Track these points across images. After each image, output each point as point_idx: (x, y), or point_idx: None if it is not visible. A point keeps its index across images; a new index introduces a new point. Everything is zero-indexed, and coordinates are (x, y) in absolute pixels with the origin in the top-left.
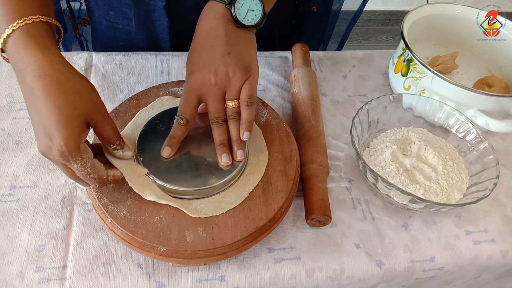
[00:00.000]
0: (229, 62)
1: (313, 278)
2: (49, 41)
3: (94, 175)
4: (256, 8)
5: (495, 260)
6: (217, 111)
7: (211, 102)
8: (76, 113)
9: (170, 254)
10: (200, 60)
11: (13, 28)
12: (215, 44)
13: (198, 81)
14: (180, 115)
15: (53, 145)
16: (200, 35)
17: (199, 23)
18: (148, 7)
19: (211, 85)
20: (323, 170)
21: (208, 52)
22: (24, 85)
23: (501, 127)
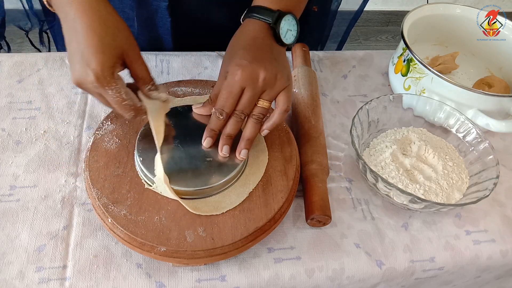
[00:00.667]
0: (277, 66)
1: (313, 278)
2: None
3: (129, 102)
4: (294, 28)
5: (495, 260)
6: (248, 106)
7: (249, 96)
8: (114, 44)
9: (170, 254)
10: (250, 57)
11: None
12: (263, 49)
13: (247, 74)
14: (221, 110)
15: (89, 70)
16: (246, 39)
17: (243, 30)
18: (150, 7)
19: (258, 81)
20: (323, 170)
21: (258, 52)
22: (67, 20)
23: (501, 127)
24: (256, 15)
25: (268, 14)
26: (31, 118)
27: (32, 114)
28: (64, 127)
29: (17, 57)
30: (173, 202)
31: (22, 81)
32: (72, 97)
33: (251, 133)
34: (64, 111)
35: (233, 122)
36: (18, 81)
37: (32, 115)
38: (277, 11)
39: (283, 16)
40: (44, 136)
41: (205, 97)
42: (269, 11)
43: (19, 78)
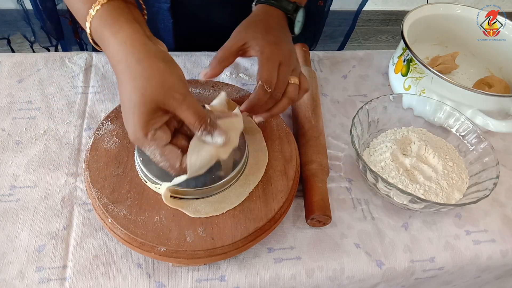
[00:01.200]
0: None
1: (313, 278)
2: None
3: (164, 164)
4: (301, 20)
5: (495, 260)
6: (285, 81)
7: (285, 70)
8: (143, 100)
9: (170, 254)
10: (280, 36)
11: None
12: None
13: (283, 50)
14: (268, 82)
15: (128, 129)
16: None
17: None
18: (152, 9)
19: (291, 57)
20: (323, 170)
21: (284, 35)
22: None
23: (501, 127)
24: (275, 3)
25: (287, 4)
26: (31, 118)
27: (32, 114)
28: (64, 127)
29: (17, 57)
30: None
31: (22, 81)
32: (72, 97)
33: (280, 110)
34: (64, 111)
35: (269, 102)
36: (18, 81)
37: (32, 115)
38: (294, 3)
39: (299, 8)
40: (44, 136)
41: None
42: (287, 1)
43: (19, 78)
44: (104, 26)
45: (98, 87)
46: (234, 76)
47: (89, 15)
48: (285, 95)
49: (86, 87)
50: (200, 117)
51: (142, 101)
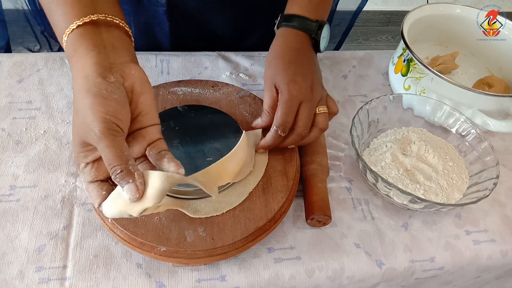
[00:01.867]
0: (319, 77)
1: (313, 278)
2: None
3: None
4: (327, 35)
5: (495, 260)
6: (309, 120)
7: (308, 109)
8: (73, 132)
9: (170, 254)
10: (300, 70)
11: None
12: (309, 61)
13: (303, 89)
14: (284, 127)
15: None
16: (292, 52)
17: (285, 41)
18: (148, 12)
19: (313, 94)
20: (323, 170)
21: (306, 65)
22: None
23: (501, 127)
24: (297, 25)
25: (309, 25)
26: (31, 118)
27: (32, 114)
28: (64, 127)
29: (17, 57)
30: None
31: (22, 81)
32: (72, 97)
33: (311, 139)
34: (64, 111)
35: (295, 138)
36: (18, 81)
37: (32, 115)
38: (316, 21)
39: (323, 25)
40: (44, 136)
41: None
42: (309, 22)
43: (19, 78)
44: (69, 54)
45: None
46: (234, 76)
47: (63, 40)
48: (315, 125)
49: None
50: (111, 162)
51: (73, 134)
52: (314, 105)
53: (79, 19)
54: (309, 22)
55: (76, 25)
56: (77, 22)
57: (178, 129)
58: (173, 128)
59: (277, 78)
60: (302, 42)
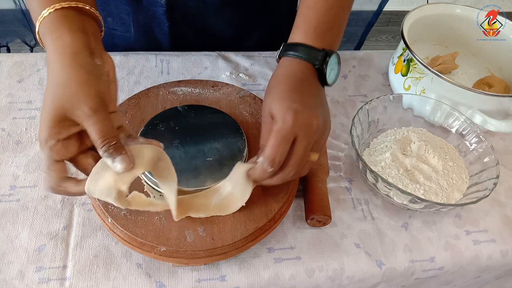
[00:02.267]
0: (324, 113)
1: (313, 278)
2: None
3: (46, 177)
4: (335, 67)
5: (495, 260)
6: (302, 159)
7: (304, 146)
8: (52, 105)
9: (170, 254)
10: (302, 100)
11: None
12: (312, 93)
13: (301, 120)
14: (272, 161)
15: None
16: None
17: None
18: (147, 13)
19: (312, 129)
20: (323, 170)
21: (308, 97)
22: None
23: (501, 127)
24: (300, 55)
25: (314, 54)
26: (31, 118)
27: (32, 114)
28: None
29: (17, 57)
30: None
31: (22, 81)
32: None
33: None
34: None
35: (281, 177)
36: (18, 81)
37: (32, 115)
38: (322, 51)
39: (330, 55)
40: None
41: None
42: (314, 51)
43: (19, 78)
44: (48, 31)
45: None
46: (234, 76)
47: (41, 16)
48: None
49: None
50: (104, 135)
51: (51, 106)
52: (309, 145)
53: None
54: (314, 51)
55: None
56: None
57: (178, 129)
58: (173, 128)
59: (273, 106)
60: (306, 73)
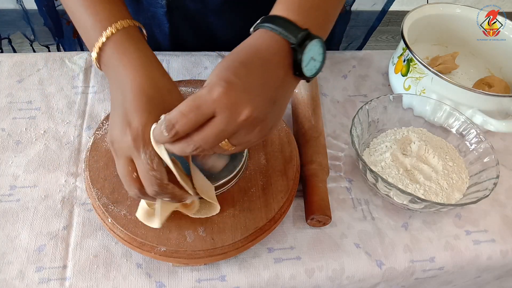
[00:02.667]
0: (270, 112)
1: (313, 278)
2: (145, 42)
3: (156, 174)
4: (318, 58)
5: (495, 260)
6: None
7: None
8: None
9: (170, 254)
10: (246, 79)
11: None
12: (269, 80)
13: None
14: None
15: (129, 130)
16: (254, 56)
17: (253, 45)
18: (148, 13)
19: (238, 118)
20: (323, 170)
21: (259, 81)
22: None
23: (501, 127)
24: (276, 28)
25: (293, 30)
26: (31, 118)
27: (32, 114)
28: (64, 127)
29: (17, 57)
30: None
31: (22, 81)
32: (72, 97)
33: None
34: (64, 111)
35: (179, 148)
36: (18, 81)
37: (32, 115)
38: (305, 30)
39: (313, 38)
40: (44, 136)
41: None
42: (294, 27)
43: (19, 78)
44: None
45: (98, 87)
46: None
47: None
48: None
49: (86, 87)
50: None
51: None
52: (228, 132)
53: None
54: (293, 26)
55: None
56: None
57: None
58: None
59: (213, 72)
60: (275, 51)
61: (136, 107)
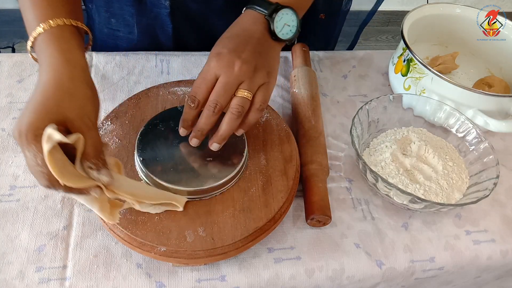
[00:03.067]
0: (258, 59)
1: (313, 278)
2: (74, 43)
3: (42, 169)
4: (292, 24)
5: (495, 260)
6: (222, 94)
7: (223, 83)
8: (55, 109)
9: (170, 254)
10: (232, 45)
11: (44, 28)
12: (250, 41)
13: (223, 62)
14: (193, 97)
15: (17, 126)
16: (237, 29)
17: (236, 22)
18: (151, 14)
19: (234, 69)
20: (323, 170)
21: (242, 43)
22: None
23: (501, 127)
24: (253, 5)
25: (265, 5)
26: None
27: None
28: None
29: (17, 57)
30: None
31: (22, 81)
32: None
33: (225, 130)
34: None
35: (205, 114)
36: (18, 81)
37: None
38: (274, 4)
39: (280, 9)
40: None
41: None
42: (266, 3)
43: (19, 78)
44: (55, 41)
45: (98, 87)
46: None
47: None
48: (228, 111)
49: None
50: (96, 151)
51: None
52: (230, 82)
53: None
54: (265, 3)
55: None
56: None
57: (178, 129)
58: (173, 128)
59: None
60: (253, 23)
61: (30, 105)
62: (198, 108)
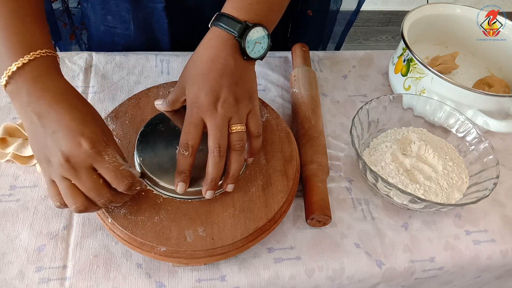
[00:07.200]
0: (237, 91)
1: (313, 278)
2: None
3: (126, 167)
4: (263, 41)
5: (495, 260)
6: (220, 137)
7: (215, 126)
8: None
9: (170, 254)
10: (207, 84)
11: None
12: (224, 73)
13: (203, 107)
14: (185, 144)
15: (83, 139)
16: (206, 61)
17: (204, 47)
18: (147, 9)
19: (217, 112)
20: (323, 170)
21: (216, 80)
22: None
23: (501, 127)
24: (222, 24)
25: (233, 25)
26: None
27: None
28: None
29: None
30: (173, 202)
31: None
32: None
33: (236, 169)
34: None
35: (212, 162)
36: None
37: None
38: (243, 23)
39: (251, 28)
40: None
41: None
42: (235, 22)
43: None
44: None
45: (98, 87)
46: None
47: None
48: (230, 148)
49: (86, 87)
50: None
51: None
52: (219, 122)
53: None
54: (233, 22)
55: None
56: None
57: (178, 129)
58: (173, 128)
59: (186, 86)
60: (223, 48)
61: (80, 120)
62: (192, 156)
